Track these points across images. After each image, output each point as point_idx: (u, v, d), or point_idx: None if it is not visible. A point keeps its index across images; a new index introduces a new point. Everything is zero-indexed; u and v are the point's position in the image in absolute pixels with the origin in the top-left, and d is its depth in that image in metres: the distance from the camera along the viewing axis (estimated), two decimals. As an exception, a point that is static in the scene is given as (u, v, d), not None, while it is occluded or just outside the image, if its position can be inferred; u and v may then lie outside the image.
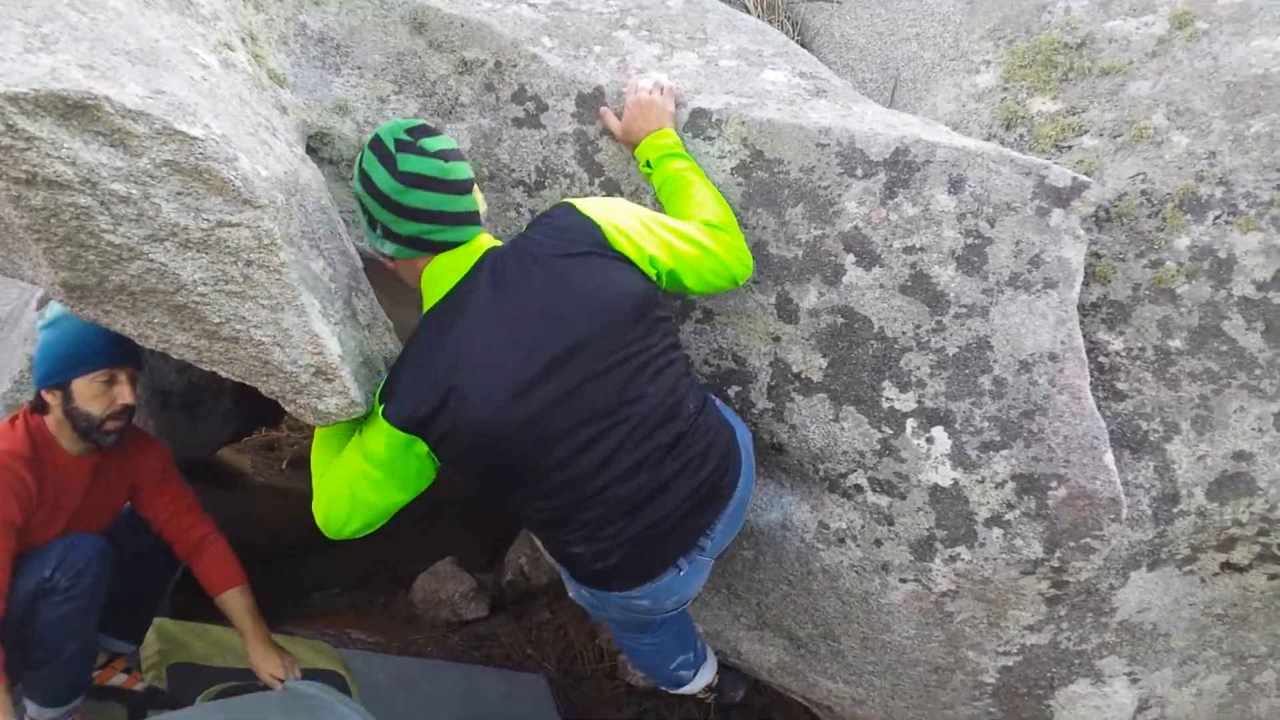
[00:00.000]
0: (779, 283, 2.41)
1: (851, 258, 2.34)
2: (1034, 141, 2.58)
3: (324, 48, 2.63)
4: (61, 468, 2.78)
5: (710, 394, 2.38)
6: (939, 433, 2.31)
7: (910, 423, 2.33)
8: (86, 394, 2.67)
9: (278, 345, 1.93)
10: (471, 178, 2.09)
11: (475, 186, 2.10)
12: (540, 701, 4.02)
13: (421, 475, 2.10)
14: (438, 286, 2.09)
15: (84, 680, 2.92)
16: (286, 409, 2.08)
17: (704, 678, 3.03)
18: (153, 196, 1.75)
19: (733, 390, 2.54)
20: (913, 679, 2.68)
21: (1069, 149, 2.53)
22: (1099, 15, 2.68)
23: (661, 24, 2.73)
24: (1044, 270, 2.22)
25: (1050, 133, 2.57)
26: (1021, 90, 2.67)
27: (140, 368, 2.77)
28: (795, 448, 2.49)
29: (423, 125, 2.07)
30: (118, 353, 2.65)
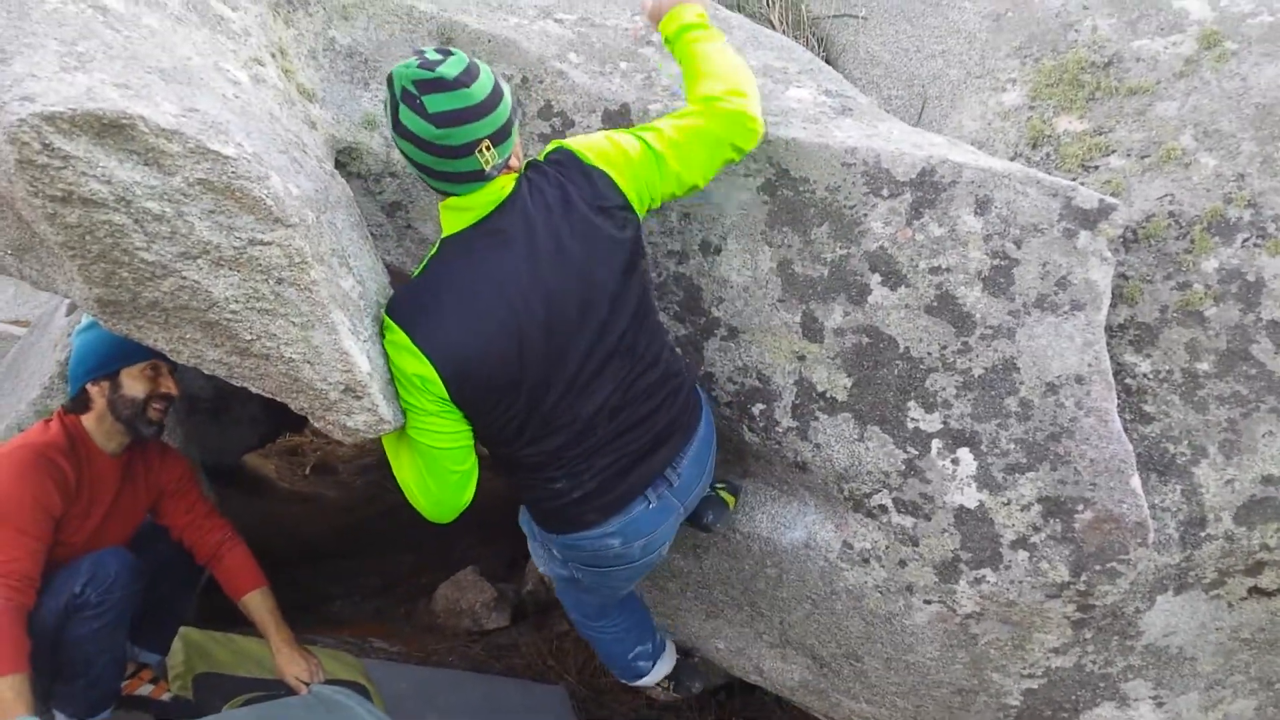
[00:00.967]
0: (804, 301, 2.41)
1: (877, 277, 2.34)
2: (1060, 161, 2.57)
3: (352, 62, 2.65)
4: (96, 465, 2.85)
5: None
6: (964, 454, 2.30)
7: (935, 443, 2.33)
8: (134, 382, 2.79)
9: (308, 362, 1.95)
10: (482, 137, 1.97)
11: (488, 143, 1.99)
12: (561, 713, 4.01)
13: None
14: (450, 223, 2.13)
15: (114, 690, 2.97)
16: (315, 424, 2.10)
17: (663, 669, 3.08)
18: (186, 215, 1.77)
19: (757, 408, 2.54)
20: (936, 700, 2.68)
21: (1096, 169, 2.52)
22: (1126, 34, 2.67)
23: (688, 41, 2.73)
24: (1071, 292, 2.22)
25: (1077, 152, 2.56)
26: (1048, 109, 2.67)
27: (176, 368, 2.83)
28: (819, 467, 2.49)
29: (437, 78, 1.93)
30: None
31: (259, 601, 3.02)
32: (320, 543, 5.70)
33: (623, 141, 2.19)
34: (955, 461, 2.31)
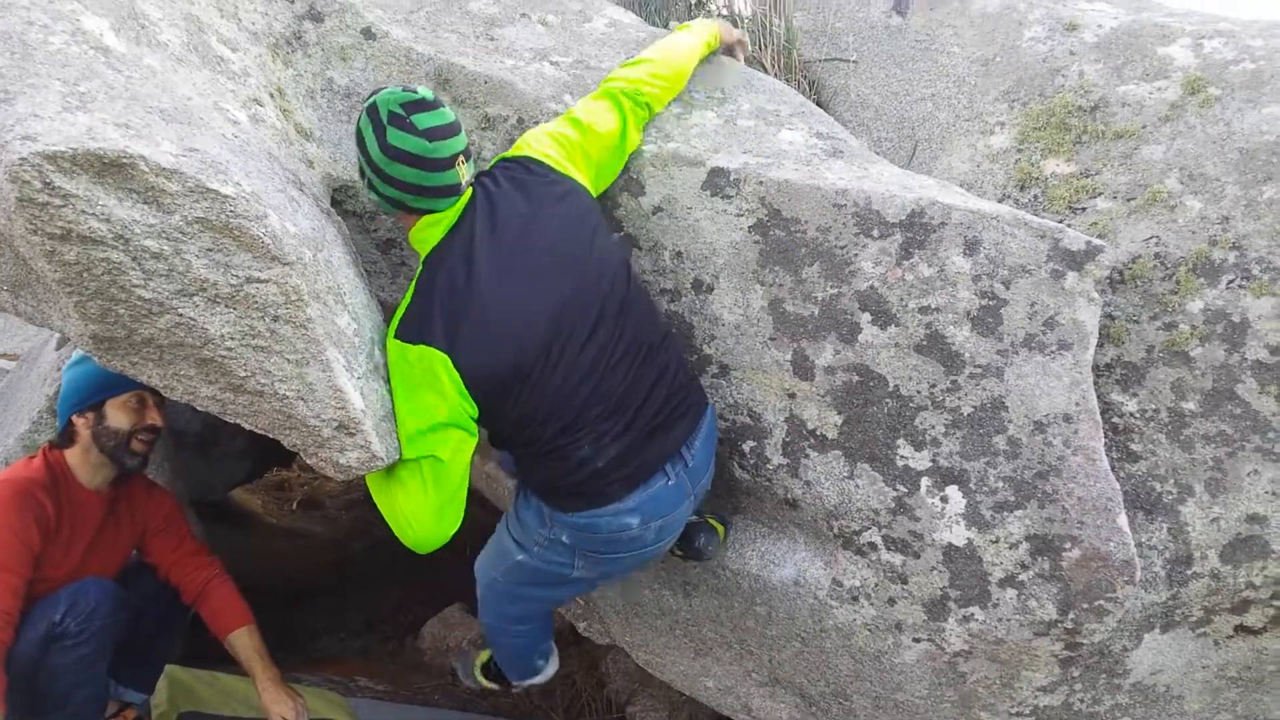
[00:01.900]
0: (795, 340, 2.43)
1: (867, 316, 2.36)
2: (1048, 203, 2.61)
3: (350, 102, 2.68)
4: (78, 501, 2.83)
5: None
6: (953, 492, 2.32)
7: (925, 481, 2.34)
8: (119, 413, 2.79)
9: (302, 399, 1.96)
10: (459, 151, 2.19)
11: (462, 158, 2.21)
12: (548, 752, 3.99)
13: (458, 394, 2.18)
14: (428, 239, 2.26)
15: (95, 728, 2.92)
16: (308, 461, 2.10)
17: (553, 667, 3.10)
18: (184, 252, 1.79)
19: (747, 445, 2.56)
20: (925, 738, 2.67)
21: (1083, 210, 2.56)
22: (1112, 80, 2.72)
23: (681, 83, 2.78)
24: (1058, 332, 2.24)
25: (1064, 194, 2.60)
26: (1036, 152, 2.71)
27: (164, 400, 2.82)
28: (809, 504, 2.50)
29: (420, 99, 2.15)
30: None
31: (245, 639, 3.00)
32: (306, 578, 5.66)
33: (548, 129, 2.42)
34: (944, 499, 2.33)
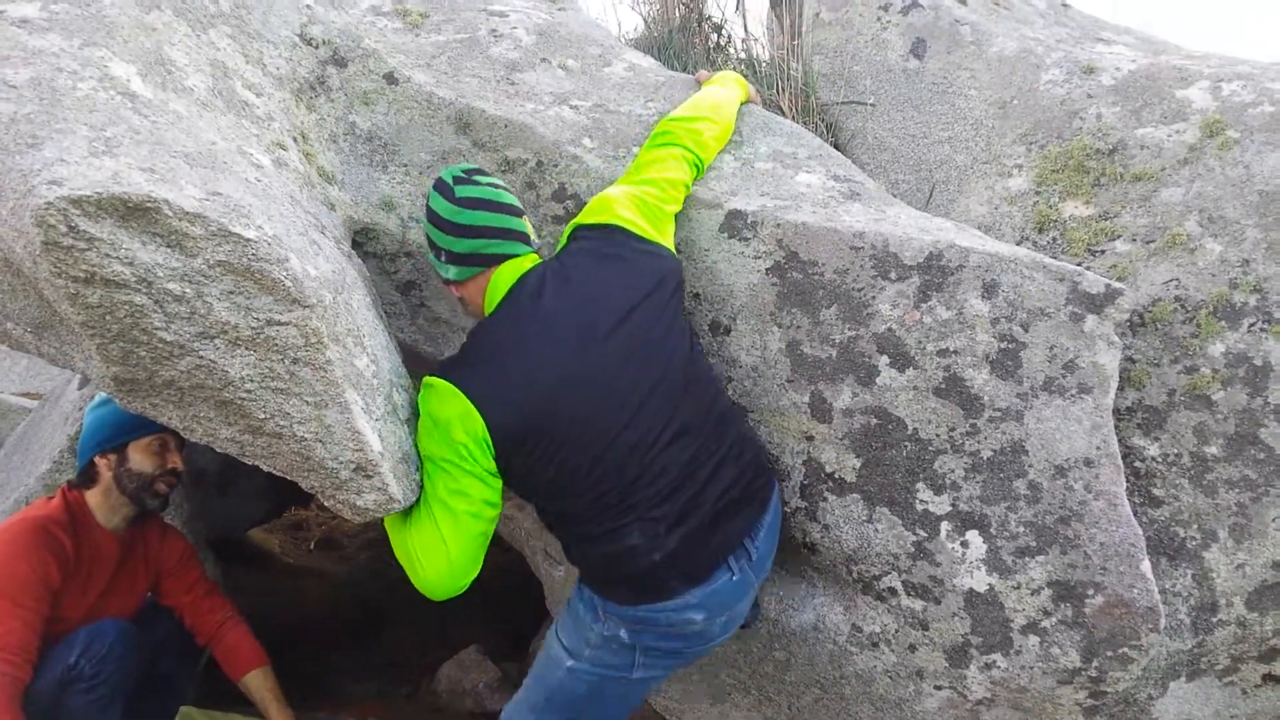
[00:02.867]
0: (813, 382, 2.43)
1: (885, 359, 2.36)
2: (1067, 245, 2.61)
3: (372, 146, 2.71)
4: (96, 541, 2.86)
5: None
6: (974, 536, 2.30)
7: (945, 525, 2.32)
8: (141, 456, 2.83)
9: (320, 442, 1.96)
10: (521, 207, 2.37)
11: (525, 217, 2.37)
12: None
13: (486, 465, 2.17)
14: (499, 286, 2.30)
15: (110, 769, 2.91)
16: (325, 503, 2.10)
17: None
18: (205, 295, 1.81)
19: (766, 488, 2.54)
20: (947, 787, 2.63)
21: (1102, 253, 2.55)
22: (1130, 122, 2.72)
23: (699, 126, 2.79)
24: (1078, 375, 2.23)
25: (1083, 237, 2.59)
26: (1054, 194, 2.71)
27: (184, 443, 2.85)
28: (828, 548, 2.48)
29: (478, 168, 2.38)
30: None
31: (259, 681, 3.01)
32: (322, 618, 5.64)
33: (631, 193, 2.43)
34: (965, 544, 2.30)
